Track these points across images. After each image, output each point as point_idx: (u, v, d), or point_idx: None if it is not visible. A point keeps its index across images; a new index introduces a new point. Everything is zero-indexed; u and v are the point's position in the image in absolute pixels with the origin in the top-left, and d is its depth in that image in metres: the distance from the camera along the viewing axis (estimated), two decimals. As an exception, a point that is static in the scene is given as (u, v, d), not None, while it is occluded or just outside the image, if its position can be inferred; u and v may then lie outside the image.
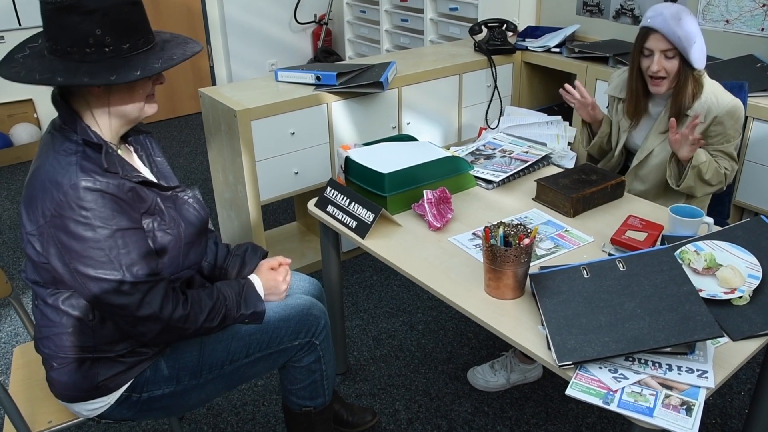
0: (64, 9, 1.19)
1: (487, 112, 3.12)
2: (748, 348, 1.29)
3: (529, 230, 1.44)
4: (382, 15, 4.11)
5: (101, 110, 1.30)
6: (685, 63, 1.87)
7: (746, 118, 2.10)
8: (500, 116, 3.10)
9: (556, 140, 3.03)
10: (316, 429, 1.69)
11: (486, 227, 1.42)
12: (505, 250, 1.38)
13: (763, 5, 2.56)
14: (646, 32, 1.88)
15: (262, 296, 1.52)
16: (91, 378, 1.36)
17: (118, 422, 1.79)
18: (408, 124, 2.86)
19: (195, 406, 1.50)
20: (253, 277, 1.54)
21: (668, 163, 1.93)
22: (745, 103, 2.05)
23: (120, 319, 1.30)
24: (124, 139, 1.43)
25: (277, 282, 1.55)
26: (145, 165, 1.45)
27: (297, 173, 2.60)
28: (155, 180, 1.40)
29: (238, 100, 2.46)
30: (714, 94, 1.90)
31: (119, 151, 1.36)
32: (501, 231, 1.42)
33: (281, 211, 3.39)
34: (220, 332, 1.46)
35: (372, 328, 2.46)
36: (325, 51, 5.02)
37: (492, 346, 2.33)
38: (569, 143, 3.04)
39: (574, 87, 2.16)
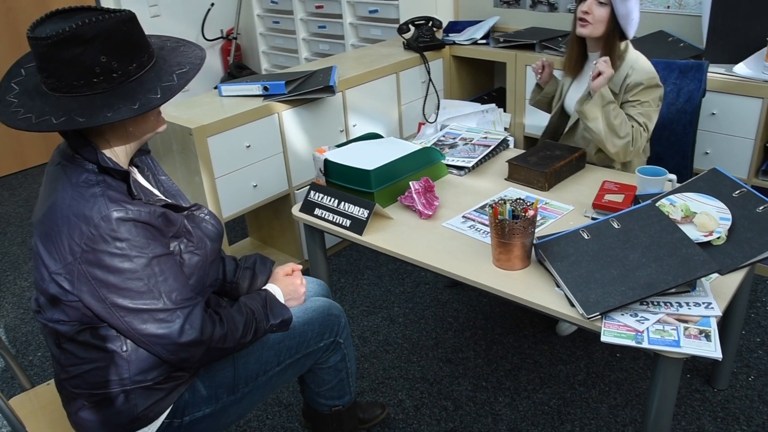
0: (63, 42, 1.13)
1: (424, 107, 3.23)
2: (736, 279, 1.47)
3: (529, 203, 1.55)
4: (297, 24, 4.13)
5: (118, 136, 1.27)
6: (614, 16, 1.97)
7: (704, 92, 2.28)
8: (438, 110, 3.23)
9: (493, 126, 3.21)
10: (345, 427, 1.71)
11: (493, 205, 1.51)
12: (515, 222, 1.48)
13: (664, -15, 2.85)
14: None
15: (284, 303, 1.53)
16: (130, 410, 1.32)
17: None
18: (354, 125, 2.92)
19: (233, 422, 1.49)
20: (272, 287, 1.54)
21: (579, 100, 2.04)
22: (705, 78, 2.25)
23: (161, 349, 1.27)
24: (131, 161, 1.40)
25: (295, 286, 1.56)
26: (152, 186, 1.42)
27: (256, 186, 2.59)
28: (172, 201, 1.38)
29: (188, 118, 2.42)
30: (632, 66, 2.03)
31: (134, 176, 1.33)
32: (508, 206, 1.52)
33: (229, 229, 3.34)
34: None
35: (354, 327, 2.49)
36: (238, 66, 4.97)
37: (474, 326, 2.44)
38: (505, 128, 3.22)
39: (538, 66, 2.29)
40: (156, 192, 1.40)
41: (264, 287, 1.55)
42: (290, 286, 1.56)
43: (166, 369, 1.34)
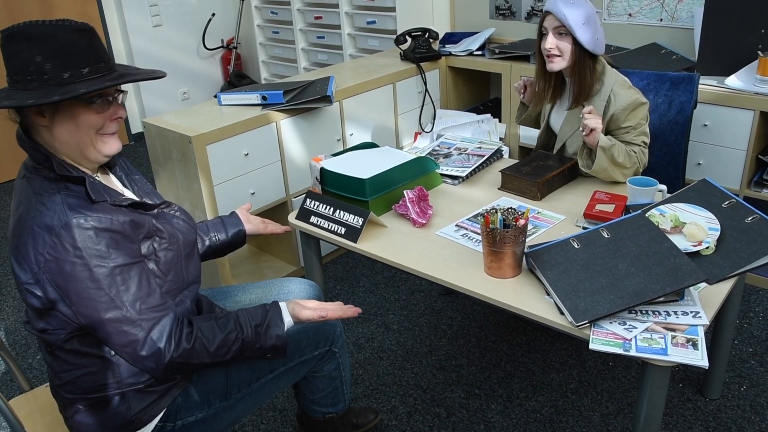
0: (8, 38, 1.19)
1: (420, 117, 3.26)
2: (724, 288, 1.49)
3: (520, 213, 1.57)
4: (296, 34, 4.18)
5: (66, 144, 1.26)
6: (578, 44, 1.96)
7: (696, 104, 2.28)
8: (434, 120, 3.26)
9: (488, 136, 3.24)
10: (338, 433, 1.73)
11: (485, 214, 1.54)
12: (506, 231, 1.50)
13: (658, -1, 2.90)
14: (544, 15, 2.00)
15: (290, 319, 1.42)
16: (123, 413, 1.33)
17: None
18: (351, 135, 2.95)
19: (226, 428, 1.50)
20: (284, 306, 1.44)
21: (579, 154, 2.02)
22: (696, 90, 2.26)
23: (128, 357, 1.27)
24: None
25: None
26: (126, 186, 1.43)
27: (253, 193, 2.62)
28: (140, 200, 1.37)
29: (188, 126, 2.45)
30: (613, 91, 1.99)
31: (98, 177, 1.33)
32: (499, 215, 1.54)
33: (227, 236, 3.36)
34: None
35: (349, 334, 2.51)
36: (238, 75, 5.01)
37: (468, 334, 2.46)
38: (501, 138, 3.25)
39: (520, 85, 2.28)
40: (125, 192, 1.39)
41: (276, 302, 1.44)
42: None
43: None
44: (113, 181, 1.42)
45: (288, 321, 1.41)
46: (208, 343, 1.31)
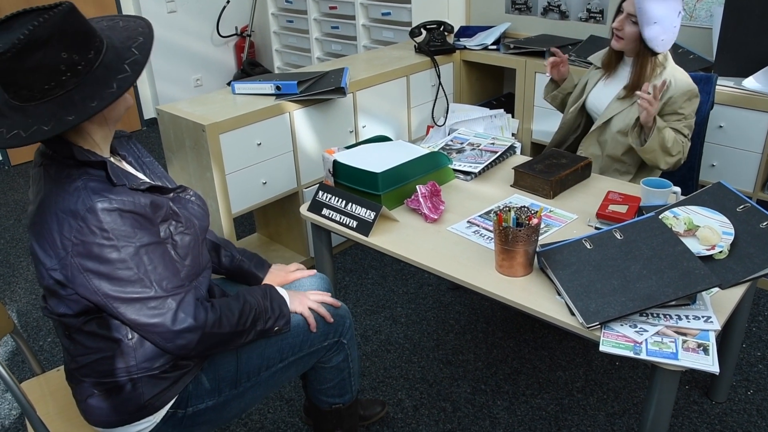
0: (22, 52, 1.11)
1: (433, 111, 3.26)
2: (736, 294, 1.49)
3: (533, 212, 1.57)
4: (311, 23, 4.17)
5: (96, 124, 1.28)
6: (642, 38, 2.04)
7: (713, 104, 2.31)
8: (446, 114, 3.25)
9: (501, 132, 3.23)
10: (344, 423, 1.74)
11: (498, 212, 1.54)
12: (519, 230, 1.50)
13: (676, -3, 2.86)
14: None
15: (287, 300, 1.54)
16: (137, 398, 1.35)
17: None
18: (364, 127, 2.95)
19: (235, 417, 1.52)
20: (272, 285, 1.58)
21: (631, 129, 2.07)
22: (713, 91, 2.28)
23: (157, 337, 1.29)
24: (112, 150, 1.41)
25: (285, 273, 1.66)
26: (137, 171, 1.44)
27: (265, 183, 2.62)
28: (157, 183, 1.39)
29: (201, 114, 2.46)
30: (673, 76, 2.10)
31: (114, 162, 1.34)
32: (512, 214, 1.54)
33: (237, 225, 3.38)
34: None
35: (357, 326, 2.52)
36: (251, 63, 5.01)
37: (475, 329, 2.47)
38: (513, 134, 3.25)
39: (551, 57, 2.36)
40: (140, 176, 1.40)
41: (264, 283, 1.58)
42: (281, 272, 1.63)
43: (172, 357, 1.37)
44: (127, 167, 1.43)
45: (284, 293, 1.53)
46: (230, 312, 1.39)
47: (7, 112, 1.19)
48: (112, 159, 1.37)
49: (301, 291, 1.63)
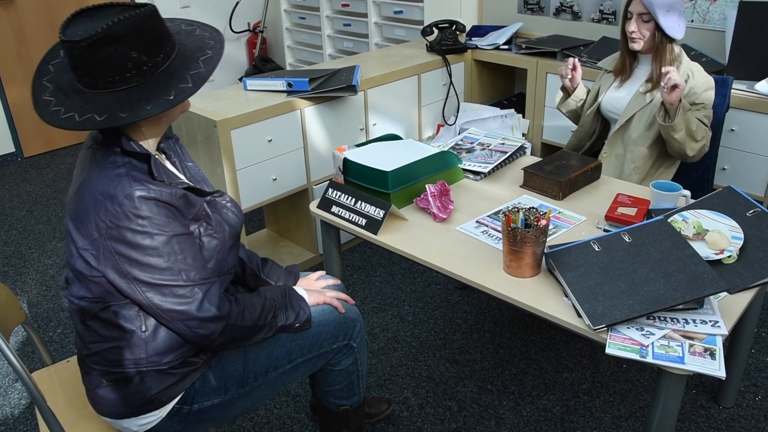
0: (96, 43, 1.18)
1: (443, 110, 3.26)
2: (744, 299, 1.48)
3: (542, 213, 1.57)
4: (323, 20, 4.17)
5: (150, 124, 1.33)
6: (659, 29, 2.08)
7: (728, 107, 2.31)
8: (457, 113, 3.25)
9: (511, 132, 3.23)
10: (351, 424, 1.75)
11: (506, 213, 1.54)
12: (527, 231, 1.50)
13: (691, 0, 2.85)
14: None
15: (306, 297, 1.57)
16: (144, 392, 1.36)
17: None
18: (374, 125, 2.95)
19: (240, 415, 1.53)
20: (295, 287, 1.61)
21: (657, 112, 2.09)
22: (729, 93, 2.27)
23: (182, 325, 1.31)
24: (158, 148, 1.45)
25: (310, 280, 1.63)
26: (178, 171, 1.47)
27: (275, 179, 2.64)
28: (195, 185, 1.43)
29: (213, 110, 2.47)
30: (690, 69, 2.13)
31: (157, 158, 1.38)
32: (521, 215, 1.55)
33: (247, 220, 3.40)
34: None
35: (364, 323, 2.52)
36: (263, 59, 5.02)
37: (482, 329, 2.47)
38: (523, 134, 3.24)
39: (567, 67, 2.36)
40: (180, 176, 1.45)
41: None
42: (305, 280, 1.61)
43: (182, 353, 1.38)
44: (168, 165, 1.47)
45: (302, 291, 1.57)
46: (252, 306, 1.42)
47: (71, 93, 1.25)
48: (156, 155, 1.41)
49: (317, 289, 1.66)
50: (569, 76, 2.34)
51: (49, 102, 1.26)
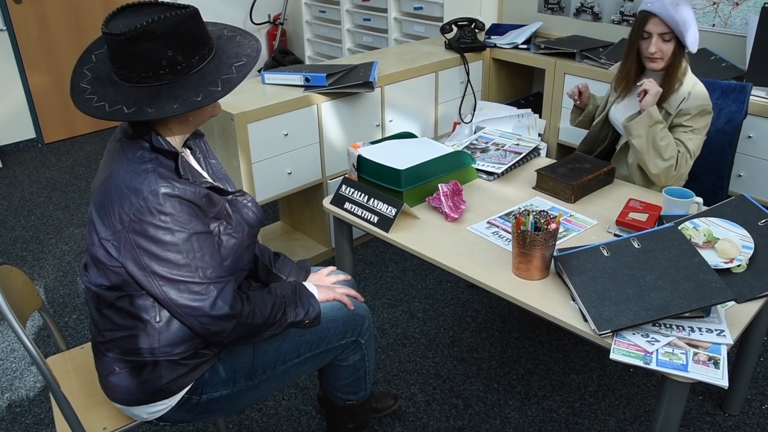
0: (135, 38, 1.22)
1: (460, 107, 3.26)
2: (752, 309, 1.49)
3: (552, 216, 1.58)
4: (343, 14, 4.18)
5: (179, 123, 1.36)
6: (680, 45, 2.04)
7: (746, 114, 2.29)
8: (474, 111, 3.26)
9: (527, 131, 3.23)
10: (357, 419, 1.78)
11: (517, 215, 1.55)
12: (537, 234, 1.52)
13: (714, 3, 2.82)
14: (646, 16, 2.03)
15: (316, 294, 1.59)
16: (155, 381, 1.40)
17: (175, 424, 1.82)
18: (390, 121, 2.97)
19: (248, 407, 1.57)
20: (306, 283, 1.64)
21: (629, 118, 2.07)
22: (747, 102, 2.25)
23: (194, 321, 1.35)
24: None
25: (321, 275, 1.65)
26: (202, 168, 1.50)
27: (290, 173, 2.66)
28: (218, 184, 1.46)
29: (231, 103, 2.50)
30: (694, 87, 2.08)
31: (183, 156, 1.41)
32: (531, 218, 1.56)
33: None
34: None
35: (374, 319, 2.56)
36: (282, 51, 5.04)
37: (491, 327, 2.48)
38: (539, 134, 3.24)
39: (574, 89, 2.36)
40: (204, 174, 1.47)
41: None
42: (316, 275, 1.64)
43: (194, 345, 1.41)
44: (192, 161, 1.50)
45: (312, 288, 1.60)
46: (263, 305, 1.45)
47: (106, 83, 1.29)
48: (182, 151, 1.44)
49: (328, 284, 1.69)
50: (578, 102, 2.34)
51: (84, 89, 1.30)
